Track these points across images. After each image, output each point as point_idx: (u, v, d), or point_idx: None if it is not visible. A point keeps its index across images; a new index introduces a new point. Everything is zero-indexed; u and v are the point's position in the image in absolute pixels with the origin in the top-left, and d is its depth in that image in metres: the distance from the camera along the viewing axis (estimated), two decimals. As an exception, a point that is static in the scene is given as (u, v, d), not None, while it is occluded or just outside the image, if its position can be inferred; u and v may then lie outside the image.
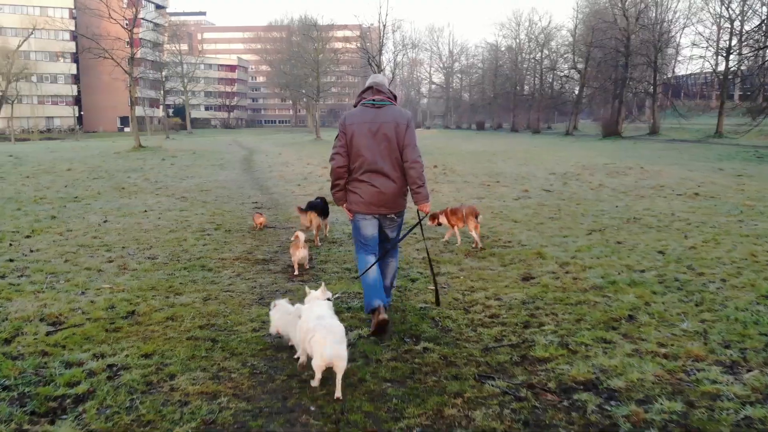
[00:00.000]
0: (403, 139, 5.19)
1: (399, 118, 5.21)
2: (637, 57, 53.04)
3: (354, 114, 5.31)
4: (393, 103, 5.34)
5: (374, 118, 5.19)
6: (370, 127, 5.16)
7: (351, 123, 5.23)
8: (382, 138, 5.15)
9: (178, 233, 9.95)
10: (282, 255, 8.35)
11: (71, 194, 15.51)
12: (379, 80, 5.47)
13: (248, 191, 16.38)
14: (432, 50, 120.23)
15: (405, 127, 5.21)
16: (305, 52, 74.16)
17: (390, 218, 5.47)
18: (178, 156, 31.60)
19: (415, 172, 5.24)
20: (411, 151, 5.22)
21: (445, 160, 27.71)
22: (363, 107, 5.30)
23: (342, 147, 5.25)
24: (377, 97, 5.28)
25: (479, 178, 19.54)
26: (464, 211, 8.82)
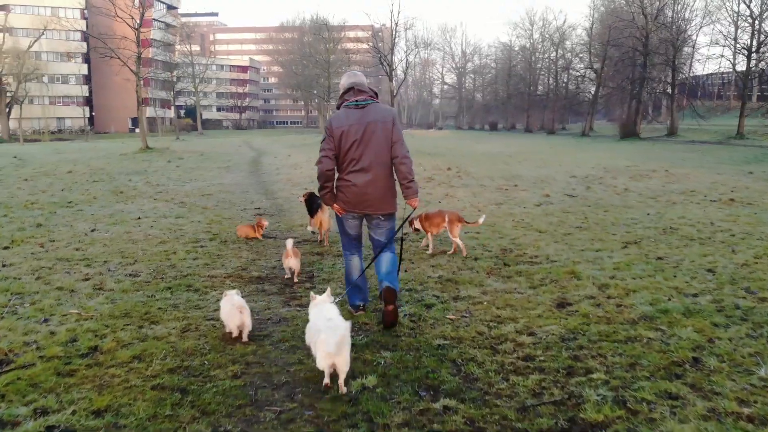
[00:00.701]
0: (391, 136, 5.26)
1: (385, 116, 5.28)
2: (655, 56, 51.71)
3: (339, 117, 5.31)
4: (376, 101, 5.38)
5: (360, 119, 5.23)
6: (357, 128, 5.20)
7: (338, 126, 5.25)
8: (369, 138, 5.21)
9: (168, 245, 9.04)
10: (281, 270, 7.42)
11: (65, 199, 14.68)
12: (360, 80, 5.49)
13: (252, 195, 15.48)
14: (444, 50, 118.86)
15: (391, 125, 5.27)
16: (316, 52, 73.49)
17: (377, 219, 5.49)
18: (185, 158, 30.81)
19: (405, 167, 5.31)
20: (400, 147, 5.28)
21: (458, 161, 26.71)
22: (347, 109, 5.31)
23: (330, 150, 5.29)
24: (360, 97, 5.31)
25: (496, 181, 18.52)
26: (447, 217, 8.25)
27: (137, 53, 34.29)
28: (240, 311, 4.93)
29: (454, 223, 8.23)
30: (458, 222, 8.26)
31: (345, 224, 5.58)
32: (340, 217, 5.56)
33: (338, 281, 6.94)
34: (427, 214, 8.58)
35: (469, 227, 8.90)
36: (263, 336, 5.13)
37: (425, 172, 21.79)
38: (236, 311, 4.94)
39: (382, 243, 5.58)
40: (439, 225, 8.29)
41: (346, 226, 5.59)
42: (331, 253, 8.53)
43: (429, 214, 8.56)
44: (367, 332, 5.16)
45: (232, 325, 5.00)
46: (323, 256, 8.37)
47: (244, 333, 4.99)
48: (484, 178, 19.36)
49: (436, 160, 28.12)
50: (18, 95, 69.25)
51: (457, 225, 8.23)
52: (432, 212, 8.69)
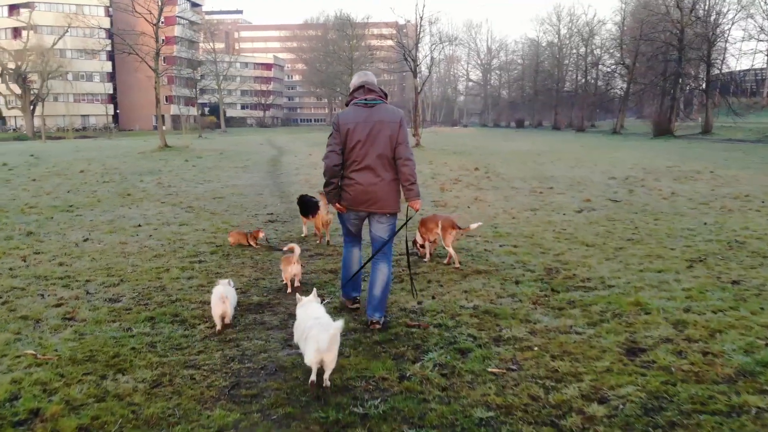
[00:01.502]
0: (397, 138, 5.26)
1: (392, 117, 5.29)
2: (689, 51, 49.69)
3: (347, 113, 5.34)
4: (384, 102, 5.40)
5: (367, 117, 5.25)
6: (363, 126, 5.22)
7: (345, 122, 5.26)
8: (375, 137, 5.22)
9: (163, 259, 7.98)
10: (285, 296, 6.30)
11: (68, 202, 13.76)
12: (370, 79, 5.52)
13: (267, 198, 14.41)
14: (470, 46, 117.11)
15: (398, 126, 5.29)
16: (340, 49, 72.50)
17: (379, 217, 5.43)
18: (204, 157, 29.94)
19: (408, 169, 5.30)
20: (404, 149, 5.29)
21: (486, 161, 25.42)
22: (355, 106, 5.34)
23: (337, 146, 5.31)
24: (369, 96, 5.33)
25: (528, 183, 17.24)
26: (439, 222, 7.58)
27: (156, 49, 33.51)
28: (222, 301, 5.22)
29: (447, 230, 7.47)
30: (451, 228, 7.46)
31: (348, 222, 5.60)
32: (343, 216, 5.57)
33: (353, 313, 5.80)
34: (423, 220, 8.00)
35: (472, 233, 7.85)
36: (251, 396, 3.99)
37: (451, 172, 20.56)
38: (219, 301, 5.23)
39: (382, 240, 5.50)
40: (432, 230, 7.66)
41: (348, 223, 5.62)
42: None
43: (424, 219, 7.97)
44: (384, 393, 4.00)
45: (216, 315, 5.27)
46: (337, 275, 7.24)
47: (226, 319, 5.32)
48: (515, 180, 18.08)
49: (463, 159, 26.86)
50: (42, 93, 69.33)
51: (450, 232, 7.45)
52: (426, 217, 8.07)
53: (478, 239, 9.10)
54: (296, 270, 6.51)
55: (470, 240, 9.07)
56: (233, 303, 5.44)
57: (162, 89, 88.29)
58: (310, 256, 8.31)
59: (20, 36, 74.83)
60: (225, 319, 5.29)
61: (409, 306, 5.86)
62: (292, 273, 6.49)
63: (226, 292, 5.31)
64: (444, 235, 7.50)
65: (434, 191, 15.46)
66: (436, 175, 19.50)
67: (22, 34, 74.40)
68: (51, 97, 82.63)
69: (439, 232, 7.55)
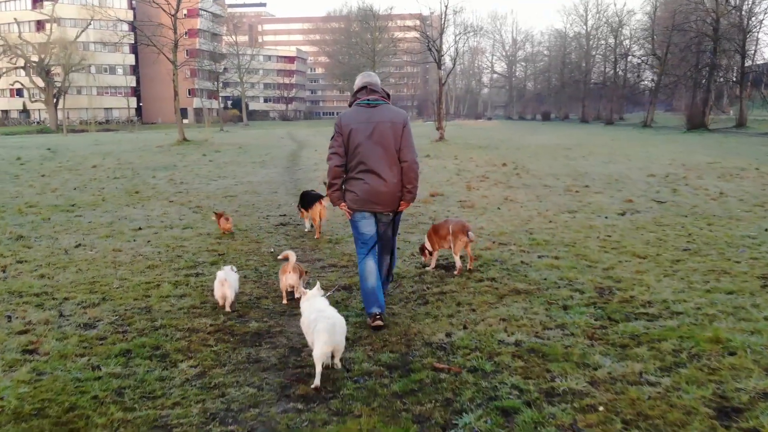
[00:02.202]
0: (401, 140, 5.21)
1: (395, 118, 5.23)
2: (724, 42, 47.74)
3: (349, 114, 5.30)
4: (387, 102, 5.35)
5: (369, 118, 5.19)
6: (365, 127, 5.16)
7: (347, 123, 5.21)
8: (378, 138, 5.16)
9: (156, 271, 7.07)
10: (289, 320, 5.35)
11: (71, 200, 12.98)
12: (373, 80, 5.44)
13: (281, 197, 13.49)
14: (495, 38, 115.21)
15: (402, 127, 5.23)
16: (363, 41, 71.45)
17: (386, 215, 5.45)
18: (222, 151, 29.18)
19: (413, 173, 5.30)
20: (408, 151, 5.25)
21: (514, 156, 24.25)
22: (358, 107, 5.29)
23: (339, 147, 5.24)
24: (371, 96, 5.28)
25: (561, 180, 16.09)
26: (450, 227, 6.86)
27: (174, 40, 32.74)
28: (221, 284, 5.55)
29: (458, 235, 6.75)
30: (462, 235, 6.75)
31: (359, 225, 5.41)
32: (353, 220, 5.43)
33: (374, 338, 4.82)
34: (435, 226, 7.15)
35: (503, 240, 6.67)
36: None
37: (478, 168, 19.46)
38: (218, 285, 5.57)
39: (387, 235, 5.55)
40: (446, 238, 6.87)
41: (360, 226, 5.41)
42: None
43: (436, 226, 7.12)
44: None
45: (217, 296, 5.64)
46: (353, 291, 6.26)
47: (227, 303, 5.60)
48: (547, 177, 16.94)
49: (489, 154, 25.71)
50: (64, 86, 69.34)
51: (461, 239, 6.74)
52: (438, 223, 7.22)
53: (513, 248, 8.06)
54: (292, 280, 5.83)
55: (503, 249, 8.03)
56: (235, 287, 5.70)
57: (184, 82, 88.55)
58: (322, 267, 7.36)
59: (44, 29, 74.86)
60: (226, 303, 5.60)
61: (436, 339, 4.86)
62: (286, 283, 5.85)
63: (227, 276, 5.60)
64: (454, 241, 6.77)
65: (460, 190, 14.41)
66: (462, 172, 18.43)
67: (45, 27, 74.41)
68: (74, 90, 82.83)
69: (450, 239, 6.82)
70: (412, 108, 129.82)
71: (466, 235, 6.74)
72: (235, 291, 5.71)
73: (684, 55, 53.65)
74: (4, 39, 68.33)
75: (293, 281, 5.84)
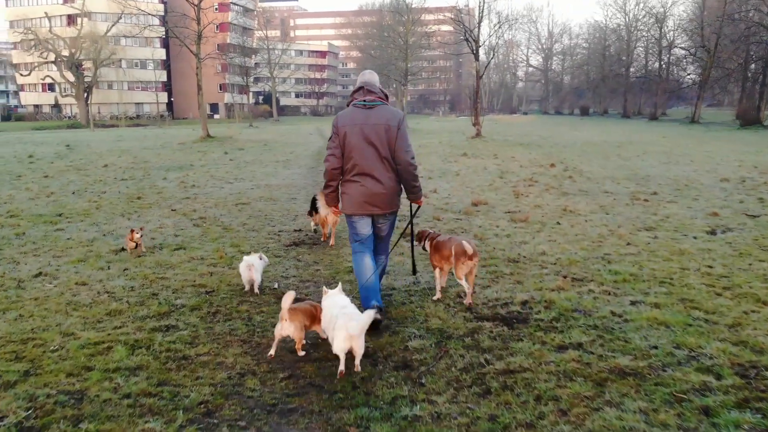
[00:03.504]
0: (395, 141, 5.11)
1: (390, 119, 5.14)
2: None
3: (346, 115, 5.21)
4: (385, 103, 5.25)
5: (366, 119, 5.12)
6: (361, 128, 5.10)
7: (343, 125, 5.15)
8: (374, 139, 5.08)
9: (116, 321, 5.27)
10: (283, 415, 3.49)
11: (61, 208, 11.38)
12: (370, 80, 5.33)
13: (300, 205, 11.68)
14: (530, 31, 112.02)
15: (396, 129, 5.12)
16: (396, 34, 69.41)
17: (383, 216, 5.37)
18: (246, 148, 27.55)
19: (410, 175, 5.21)
20: (404, 153, 5.14)
21: (562, 155, 22.09)
22: (354, 108, 5.21)
23: (336, 148, 5.19)
24: (368, 97, 5.20)
25: (623, 185, 13.99)
26: (452, 248, 5.70)
27: (197, 32, 31.17)
28: (248, 269, 5.90)
29: (460, 258, 5.61)
30: (465, 258, 5.57)
31: (356, 226, 5.36)
32: (350, 220, 5.37)
33: None
34: (437, 244, 5.96)
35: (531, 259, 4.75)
36: None
37: (523, 170, 17.41)
38: (246, 269, 5.93)
39: (382, 234, 5.51)
40: (448, 259, 5.74)
41: (357, 227, 5.36)
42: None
43: (438, 244, 5.93)
44: None
45: (245, 280, 6.01)
46: (393, 332, 4.39)
47: (255, 286, 5.98)
48: (605, 181, 14.83)
49: (533, 152, 23.55)
50: (93, 81, 68.79)
51: (463, 261, 5.59)
52: (441, 240, 5.97)
53: (593, 287, 6.08)
54: (289, 330, 4.45)
55: (581, 288, 6.05)
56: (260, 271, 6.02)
57: (215, 77, 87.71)
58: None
59: (74, 23, 74.46)
60: (254, 286, 5.93)
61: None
62: (282, 333, 4.48)
63: (252, 261, 5.92)
64: (456, 264, 5.62)
65: (507, 197, 12.43)
66: (506, 174, 16.40)
67: (76, 22, 73.99)
68: (105, 85, 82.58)
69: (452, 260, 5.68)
70: (444, 103, 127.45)
71: (470, 258, 5.53)
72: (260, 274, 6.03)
73: (736, 48, 50.46)
74: (35, 33, 67.98)
75: (289, 331, 4.44)
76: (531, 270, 6.80)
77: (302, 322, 4.48)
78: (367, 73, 5.53)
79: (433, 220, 9.96)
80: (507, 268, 6.86)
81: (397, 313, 5.42)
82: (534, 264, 7.06)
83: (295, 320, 4.42)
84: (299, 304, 4.59)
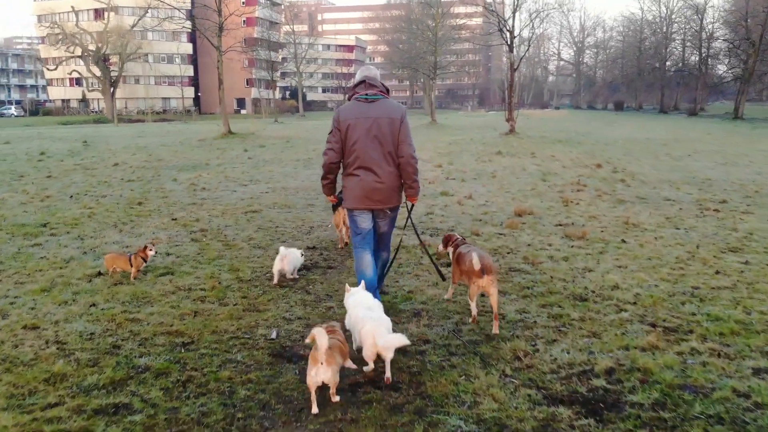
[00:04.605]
0: (398, 135, 5.10)
1: (393, 113, 5.11)
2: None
3: (347, 109, 5.19)
4: (386, 97, 5.23)
5: (367, 113, 5.08)
6: (363, 122, 5.06)
7: (345, 118, 5.11)
8: (376, 133, 5.05)
9: (49, 397, 3.85)
10: None
11: (49, 215, 10.10)
12: (372, 73, 5.31)
13: (317, 214, 10.25)
14: (561, 24, 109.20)
15: (399, 123, 5.10)
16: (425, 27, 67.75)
17: (384, 212, 5.34)
18: (267, 145, 26.24)
19: (411, 168, 5.16)
20: (406, 146, 5.13)
21: (605, 153, 20.35)
22: (356, 102, 5.17)
23: (336, 142, 5.16)
24: (370, 91, 5.17)
25: (683, 190, 12.33)
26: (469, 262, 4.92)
27: (218, 24, 29.91)
28: (281, 260, 6.09)
29: (473, 277, 4.89)
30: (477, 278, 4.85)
31: (357, 220, 5.33)
32: (352, 216, 5.35)
33: None
34: (459, 255, 5.37)
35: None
36: None
37: (566, 170, 15.77)
38: (279, 260, 6.11)
39: (383, 231, 5.47)
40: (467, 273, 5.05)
41: (358, 221, 5.33)
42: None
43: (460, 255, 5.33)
44: None
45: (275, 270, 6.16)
46: (431, 423, 2.93)
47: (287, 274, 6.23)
48: (662, 185, 13.16)
49: (574, 150, 21.81)
50: (119, 75, 68.33)
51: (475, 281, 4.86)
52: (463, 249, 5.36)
53: (693, 341, 4.55)
54: (325, 375, 3.66)
55: (679, 348, 4.50)
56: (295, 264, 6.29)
57: (242, 72, 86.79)
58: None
59: (102, 17, 74.04)
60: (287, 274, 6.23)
61: None
62: (317, 380, 3.66)
63: (287, 253, 6.17)
64: (469, 282, 5.00)
65: (554, 205, 10.85)
66: (548, 176, 14.77)
67: (103, 16, 73.56)
68: (132, 80, 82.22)
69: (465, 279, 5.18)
70: (473, 97, 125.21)
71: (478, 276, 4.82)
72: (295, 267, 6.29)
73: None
74: (61, 27, 67.66)
75: (326, 377, 3.67)
76: (606, 313, 5.26)
77: (338, 363, 3.76)
78: (367, 67, 5.45)
79: (471, 235, 8.44)
80: (575, 311, 5.33)
81: (434, 387, 3.92)
82: (608, 304, 5.51)
83: (333, 363, 3.67)
84: (330, 341, 3.73)
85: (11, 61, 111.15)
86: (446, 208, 10.74)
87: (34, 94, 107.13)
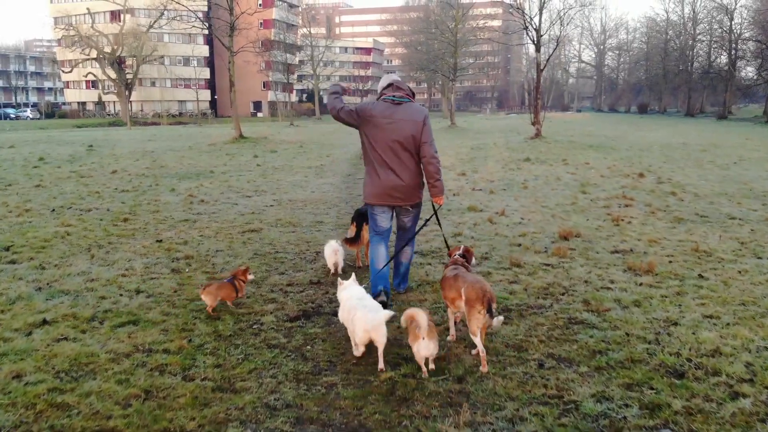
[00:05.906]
0: (420, 136, 5.32)
1: (416, 115, 5.34)
2: None
3: (376, 106, 5.40)
4: (411, 100, 5.46)
5: (392, 114, 5.31)
6: (387, 122, 5.28)
7: (371, 111, 5.33)
8: (400, 134, 5.27)
9: None
10: None
11: (20, 234, 8.75)
12: (398, 79, 5.56)
13: (326, 232, 8.79)
14: (582, 25, 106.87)
15: (422, 125, 5.32)
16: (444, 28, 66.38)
17: (405, 209, 5.59)
18: (278, 150, 24.87)
19: (433, 167, 5.37)
20: (428, 147, 5.34)
21: (644, 161, 18.70)
22: (384, 102, 5.39)
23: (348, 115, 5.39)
24: (397, 93, 5.39)
25: (745, 205, 10.75)
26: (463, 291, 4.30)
27: (230, 23, 28.57)
28: (335, 253, 6.45)
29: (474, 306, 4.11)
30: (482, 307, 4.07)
31: (377, 219, 5.58)
32: (372, 214, 5.59)
33: None
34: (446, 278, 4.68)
35: None
36: None
37: (605, 181, 14.18)
38: (332, 253, 6.49)
39: (406, 227, 5.74)
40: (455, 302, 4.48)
41: (378, 220, 5.59)
42: None
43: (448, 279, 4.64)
44: None
45: (330, 263, 6.54)
46: None
47: (338, 268, 6.51)
48: (720, 199, 11.56)
49: (608, 157, 20.16)
50: (134, 77, 67.54)
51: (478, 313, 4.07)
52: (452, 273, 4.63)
53: None
54: (427, 350, 3.95)
55: None
56: (342, 256, 6.55)
57: (259, 75, 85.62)
58: None
59: (117, 19, 73.35)
60: (337, 268, 6.50)
61: None
62: (422, 354, 3.99)
63: (338, 246, 6.49)
64: (469, 313, 4.15)
65: (603, 224, 9.30)
66: (587, 187, 13.20)
67: (119, 18, 72.85)
68: (147, 82, 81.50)
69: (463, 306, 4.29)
70: (492, 100, 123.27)
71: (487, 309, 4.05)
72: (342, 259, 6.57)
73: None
74: (77, 30, 66.99)
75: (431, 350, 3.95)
76: (719, 401, 3.72)
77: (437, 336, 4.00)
78: (392, 74, 5.66)
79: (511, 267, 6.91)
80: (674, 396, 3.79)
81: None
82: (715, 383, 3.96)
83: (434, 337, 3.93)
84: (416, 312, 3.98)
85: (29, 63, 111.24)
86: (476, 227, 9.23)
87: (52, 96, 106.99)
